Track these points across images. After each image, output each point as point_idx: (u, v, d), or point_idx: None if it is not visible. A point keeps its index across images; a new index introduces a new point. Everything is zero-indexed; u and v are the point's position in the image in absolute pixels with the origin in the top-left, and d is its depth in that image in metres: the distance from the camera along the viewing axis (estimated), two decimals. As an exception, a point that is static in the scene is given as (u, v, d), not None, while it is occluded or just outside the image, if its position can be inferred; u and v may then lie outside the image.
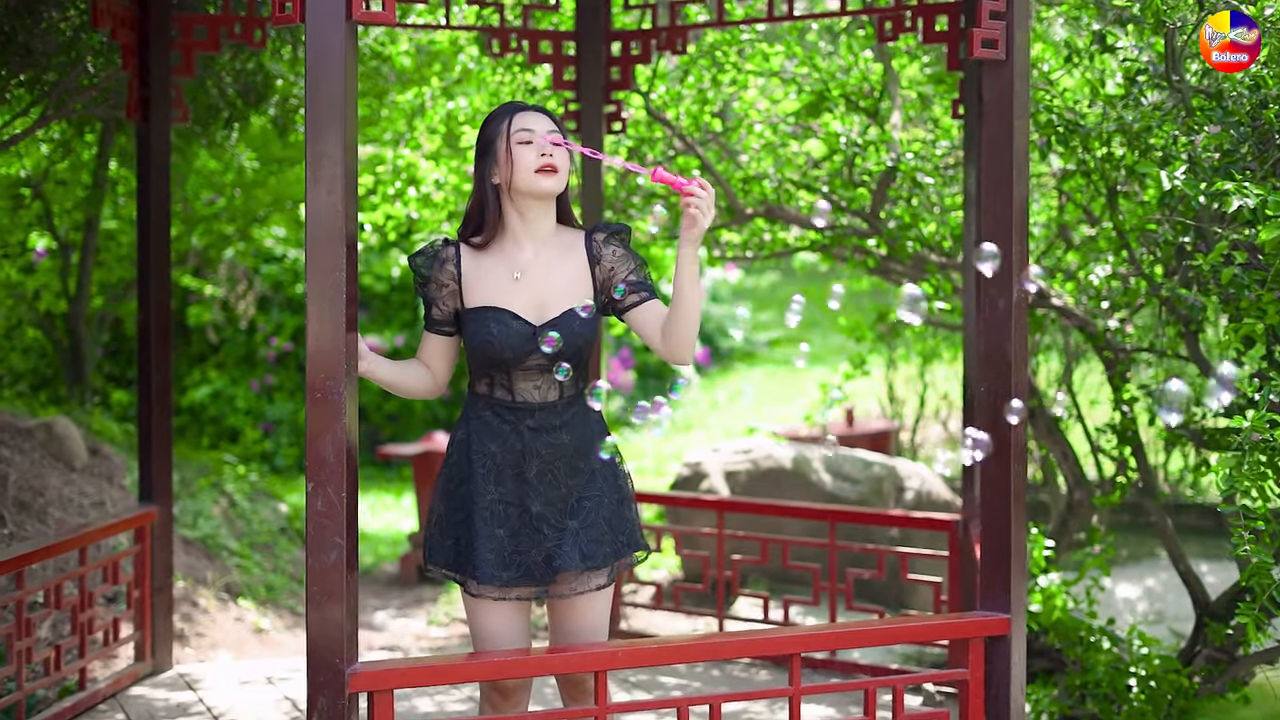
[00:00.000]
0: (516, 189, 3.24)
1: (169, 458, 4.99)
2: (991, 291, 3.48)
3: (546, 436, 3.24)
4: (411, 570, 7.70)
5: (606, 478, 3.29)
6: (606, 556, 3.24)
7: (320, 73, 2.91)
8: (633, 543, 3.32)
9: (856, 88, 5.84)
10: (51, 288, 8.63)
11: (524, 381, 3.25)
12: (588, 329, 3.25)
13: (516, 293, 3.25)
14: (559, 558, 3.20)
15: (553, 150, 3.23)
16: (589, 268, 3.29)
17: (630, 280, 3.27)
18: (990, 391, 3.47)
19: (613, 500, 3.29)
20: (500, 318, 3.22)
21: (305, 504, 2.95)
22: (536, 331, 3.21)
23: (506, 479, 3.24)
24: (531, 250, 3.29)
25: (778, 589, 6.53)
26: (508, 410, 3.26)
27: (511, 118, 3.25)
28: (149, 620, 4.95)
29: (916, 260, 5.61)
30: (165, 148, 4.96)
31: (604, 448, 3.23)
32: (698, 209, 3.08)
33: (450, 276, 3.29)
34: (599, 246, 3.29)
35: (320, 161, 2.92)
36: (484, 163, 3.28)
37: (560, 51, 5.33)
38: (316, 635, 2.95)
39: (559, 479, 3.25)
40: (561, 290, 3.25)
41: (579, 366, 3.28)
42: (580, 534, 3.22)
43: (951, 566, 4.83)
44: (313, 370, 2.92)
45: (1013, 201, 3.44)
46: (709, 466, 6.89)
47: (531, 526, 3.23)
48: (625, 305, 3.28)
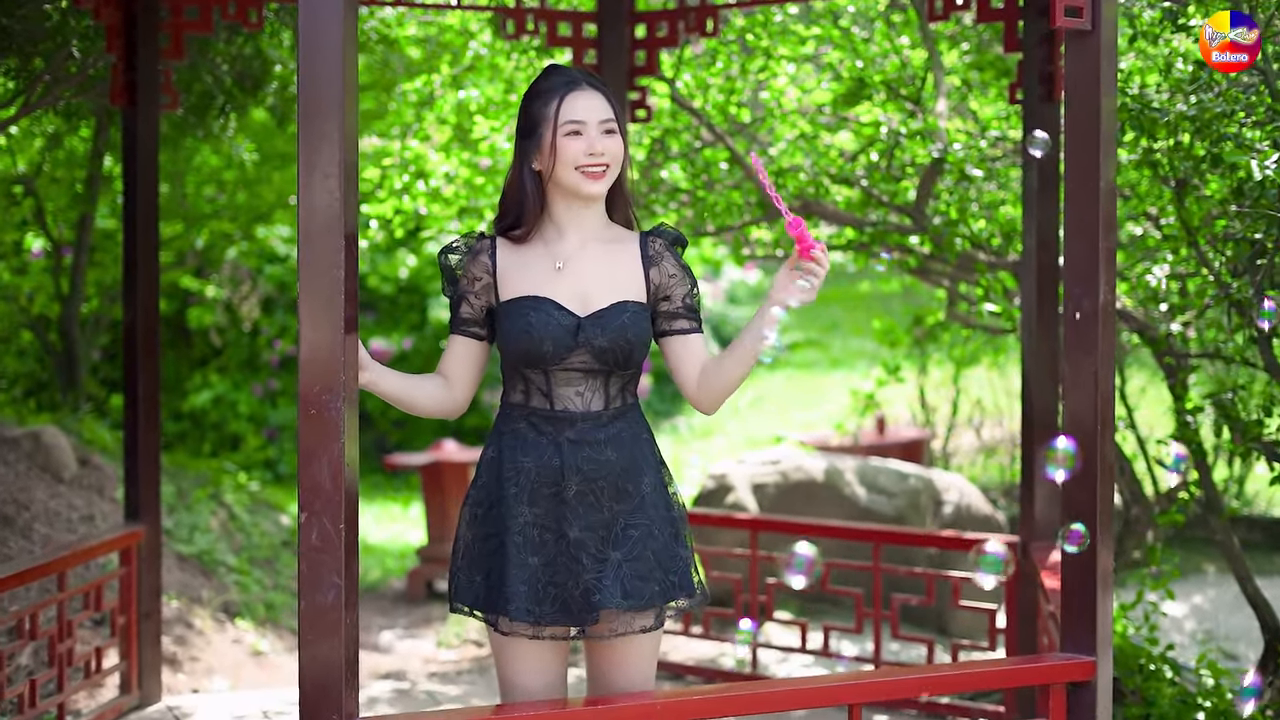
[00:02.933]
0: (557, 183, 2.85)
1: (157, 472, 4.60)
2: (1075, 292, 3.08)
3: (589, 451, 2.82)
4: (420, 587, 7.31)
5: (658, 506, 2.87)
6: (653, 596, 2.81)
7: (315, 42, 2.52)
8: (684, 585, 2.88)
9: (897, 74, 5.43)
10: (45, 289, 8.26)
11: (564, 386, 2.84)
12: (640, 327, 2.84)
13: (559, 283, 2.85)
14: (598, 592, 2.77)
15: (604, 148, 2.82)
16: (643, 269, 2.89)
17: (688, 302, 2.90)
18: (1076, 410, 3.07)
19: (664, 534, 2.86)
20: (541, 306, 2.82)
21: (298, 535, 2.55)
22: (581, 325, 2.81)
23: (541, 499, 2.82)
24: (576, 240, 2.89)
25: (809, 609, 6.13)
26: (545, 420, 2.84)
27: (562, 101, 2.82)
28: (135, 649, 4.56)
29: (964, 259, 5.21)
30: (153, 136, 4.58)
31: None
32: (810, 282, 2.70)
33: (484, 269, 2.89)
34: (657, 251, 2.90)
35: (315, 144, 2.53)
36: (526, 144, 2.87)
37: (580, 34, 4.93)
38: (310, 686, 2.57)
39: (601, 502, 2.82)
40: (609, 284, 2.86)
41: (629, 373, 2.89)
42: (623, 567, 2.80)
43: (1009, 593, 4.42)
44: (306, 382, 2.54)
45: (1100, 189, 3.04)
46: (735, 478, 6.49)
47: (569, 555, 2.81)
48: (671, 329, 2.89)
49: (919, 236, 5.30)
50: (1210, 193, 4.71)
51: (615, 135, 2.85)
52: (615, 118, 2.86)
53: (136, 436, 4.53)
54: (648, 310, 2.88)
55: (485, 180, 5.87)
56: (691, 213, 5.73)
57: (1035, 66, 4.28)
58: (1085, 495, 3.09)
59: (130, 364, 4.54)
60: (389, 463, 7.96)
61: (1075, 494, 3.09)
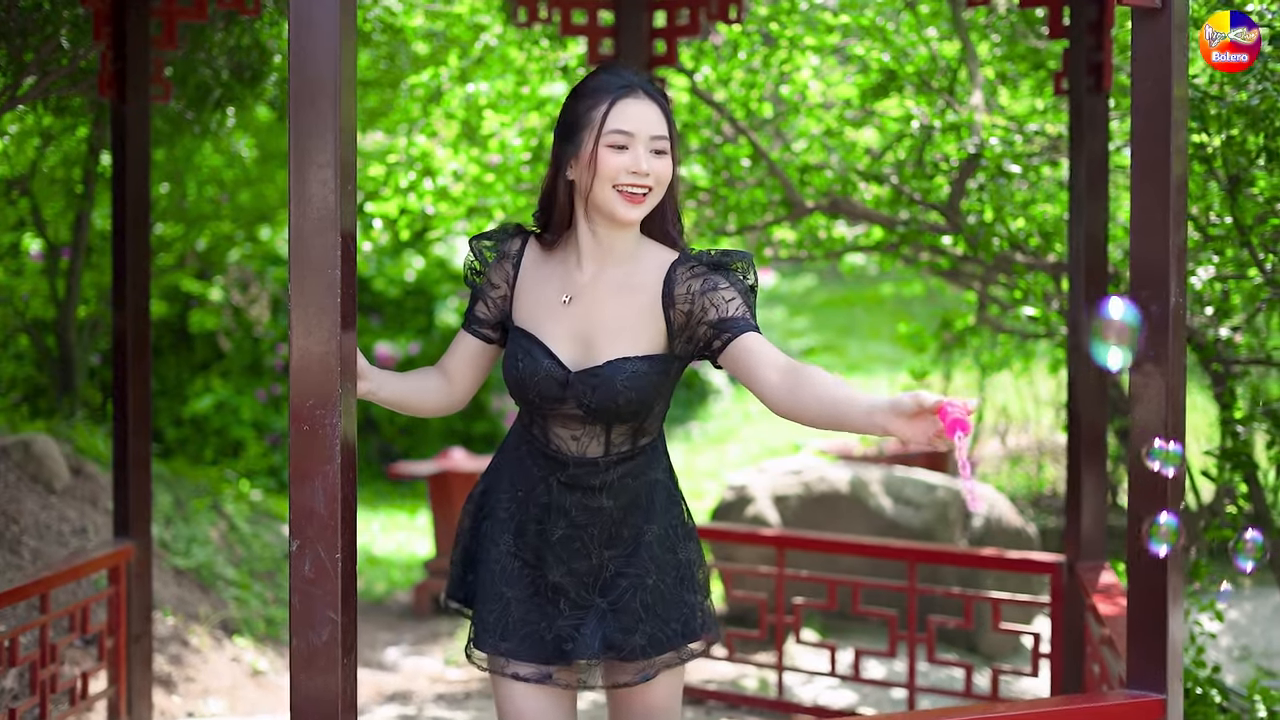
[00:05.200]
0: (593, 201, 2.53)
1: (148, 484, 4.34)
2: (1142, 295, 2.81)
3: (580, 496, 2.56)
4: (426, 601, 7.04)
5: (659, 554, 2.59)
6: (635, 650, 2.54)
7: (308, 16, 2.25)
8: (689, 632, 2.61)
9: (928, 66, 5.16)
10: (40, 291, 8.01)
11: (560, 428, 2.57)
12: (639, 389, 2.50)
13: (561, 321, 2.56)
14: (574, 641, 2.53)
15: (650, 169, 2.49)
16: (662, 310, 2.53)
17: (710, 321, 2.49)
18: (1144, 423, 2.79)
19: (667, 581, 2.59)
20: (531, 353, 2.54)
21: (289, 566, 2.29)
22: (570, 381, 2.51)
23: (528, 533, 2.59)
24: (591, 270, 2.57)
25: (833, 628, 5.85)
26: (540, 455, 2.59)
27: (611, 105, 2.49)
28: (124, 673, 4.30)
29: (1000, 260, 4.93)
30: (144, 129, 4.31)
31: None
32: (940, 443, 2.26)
33: (505, 278, 2.62)
34: (675, 284, 2.53)
35: (307, 131, 2.26)
36: (563, 149, 2.56)
37: (596, 22, 4.66)
38: (303, 735, 2.30)
39: (589, 548, 2.57)
40: (616, 333, 2.53)
41: (637, 421, 2.58)
42: (608, 616, 2.54)
43: (1054, 616, 4.15)
44: (298, 394, 2.27)
45: (1170, 182, 2.77)
46: (755, 489, 6.22)
47: (546, 597, 2.57)
48: (712, 351, 2.52)
49: (952, 237, 5.03)
50: (1258, 190, 4.45)
51: (666, 156, 2.53)
52: (668, 135, 2.54)
53: (126, 447, 4.26)
54: (667, 360, 2.54)
55: (495, 178, 5.60)
56: (712, 211, 5.47)
57: (1083, 55, 4.02)
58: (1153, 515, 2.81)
59: (120, 371, 4.28)
60: (394, 472, 7.69)
61: (1142, 511, 2.82)
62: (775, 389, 2.40)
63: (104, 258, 8.34)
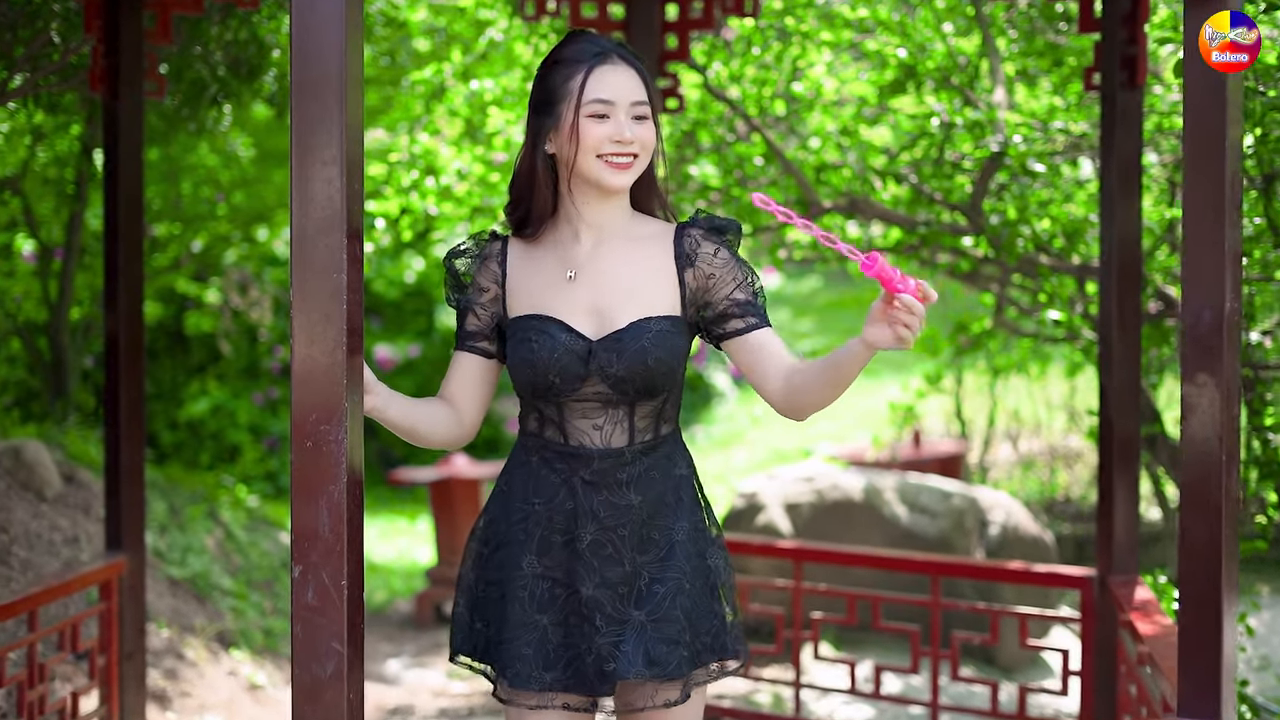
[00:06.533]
0: (577, 173, 2.40)
1: (142, 496, 4.16)
2: (1195, 300, 2.64)
3: (607, 494, 2.39)
4: (428, 610, 6.87)
5: (690, 556, 2.43)
6: (681, 663, 2.37)
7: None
8: (719, 647, 2.44)
9: (947, 62, 4.99)
10: (33, 293, 7.84)
11: (579, 419, 2.41)
12: (667, 349, 2.38)
13: (570, 296, 2.40)
14: (616, 660, 2.34)
15: (634, 136, 2.37)
16: (676, 271, 2.42)
17: (735, 298, 2.40)
18: (1196, 437, 2.63)
19: (698, 587, 2.42)
20: (545, 329, 2.38)
21: (290, 592, 2.12)
22: (593, 350, 2.36)
23: (553, 547, 2.40)
24: (590, 241, 2.44)
25: (846, 639, 5.70)
26: (558, 456, 2.41)
27: (588, 74, 2.37)
28: (116, 692, 4.13)
29: (1021, 262, 4.77)
30: (138, 126, 4.14)
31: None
32: (908, 327, 2.16)
33: (493, 278, 2.46)
34: (693, 244, 2.42)
35: (310, 124, 2.10)
36: (540, 122, 2.42)
37: (606, 15, 4.49)
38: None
39: (621, 553, 2.39)
40: (629, 295, 2.40)
41: (659, 401, 2.44)
42: (648, 629, 2.36)
43: (1085, 631, 3.99)
44: (301, 409, 2.10)
45: (1225, 176, 2.61)
46: (766, 497, 6.06)
47: (581, 615, 2.38)
48: (726, 331, 2.42)
49: (973, 238, 4.86)
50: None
51: (647, 121, 2.41)
52: (649, 100, 2.42)
53: (119, 454, 4.09)
54: (682, 323, 2.42)
55: (500, 177, 5.43)
56: (723, 211, 5.30)
57: (1116, 49, 3.85)
58: (1206, 534, 2.66)
59: (112, 375, 4.10)
60: (394, 478, 7.52)
61: (1194, 532, 2.66)
62: (777, 387, 2.39)
63: (97, 259, 8.17)
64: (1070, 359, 6.09)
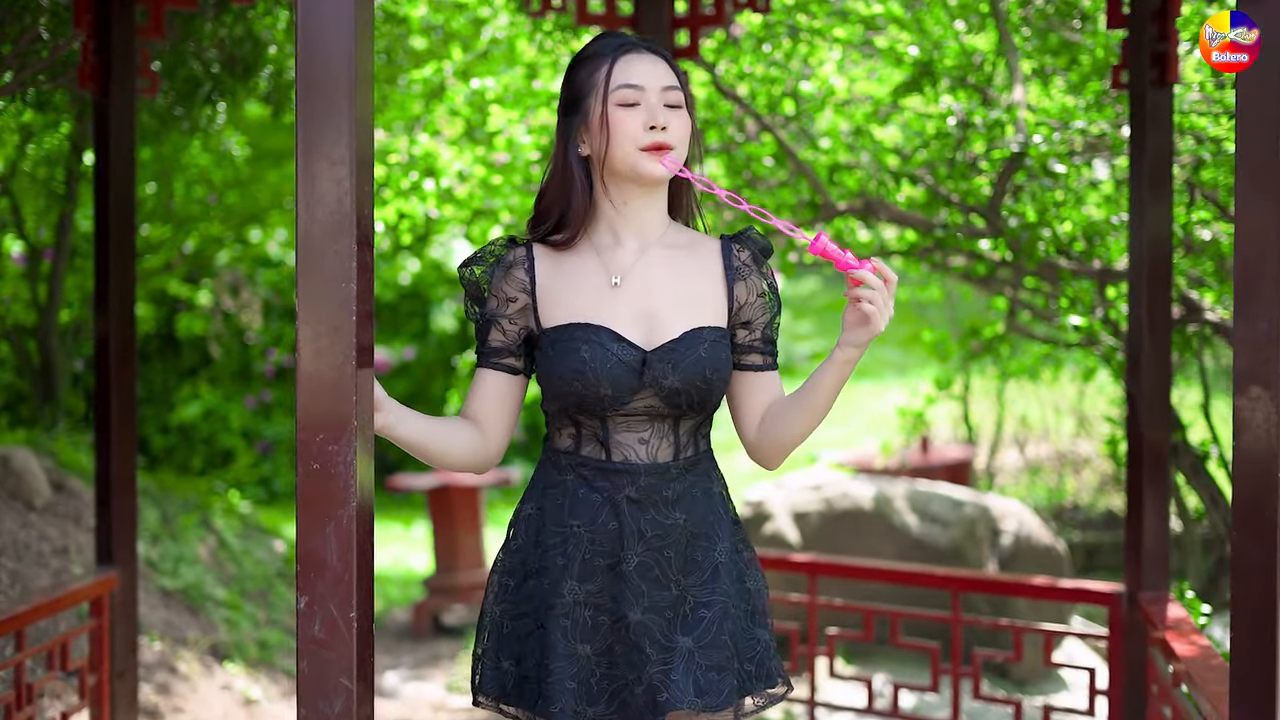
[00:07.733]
0: (611, 168, 2.26)
1: (133, 508, 4.02)
2: (1249, 309, 2.50)
3: (654, 513, 2.25)
4: (426, 621, 6.72)
5: (733, 579, 2.29)
6: (731, 692, 2.23)
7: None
8: (764, 674, 2.31)
9: (963, 60, 4.85)
10: (21, 296, 7.68)
11: (625, 433, 2.26)
12: (721, 359, 2.26)
13: (617, 304, 2.26)
14: (666, 690, 2.19)
15: (667, 121, 2.24)
16: (726, 282, 2.31)
17: (766, 334, 2.35)
18: (1250, 452, 2.49)
19: (741, 610, 2.29)
20: (597, 338, 2.23)
21: (296, 626, 1.98)
22: (647, 360, 2.23)
23: (596, 572, 2.25)
24: (636, 246, 2.30)
25: (857, 653, 5.56)
26: (600, 474, 2.26)
27: (613, 63, 2.26)
28: (108, 712, 3.98)
29: (1043, 266, 4.63)
30: (130, 124, 4.00)
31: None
32: (873, 305, 2.12)
33: (521, 286, 2.30)
34: (746, 265, 2.33)
35: (318, 121, 1.95)
36: (569, 122, 2.29)
37: (614, 10, 4.35)
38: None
39: (668, 575, 2.25)
40: (681, 303, 2.28)
41: (705, 414, 2.31)
42: (695, 656, 2.22)
43: (1113, 649, 3.85)
44: (306, 428, 1.95)
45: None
46: (773, 505, 5.91)
47: (629, 643, 2.23)
48: (742, 363, 2.34)
49: (991, 240, 4.73)
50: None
51: (681, 111, 2.27)
52: (680, 86, 2.29)
53: (109, 465, 3.94)
54: (728, 335, 2.32)
55: (503, 179, 5.28)
56: (732, 214, 5.16)
57: (1145, 46, 3.71)
58: (1261, 556, 2.52)
59: (103, 379, 3.95)
60: (391, 484, 7.36)
61: (1248, 554, 2.52)
62: (755, 428, 2.35)
63: (87, 260, 8.01)
64: (1084, 364, 5.95)
